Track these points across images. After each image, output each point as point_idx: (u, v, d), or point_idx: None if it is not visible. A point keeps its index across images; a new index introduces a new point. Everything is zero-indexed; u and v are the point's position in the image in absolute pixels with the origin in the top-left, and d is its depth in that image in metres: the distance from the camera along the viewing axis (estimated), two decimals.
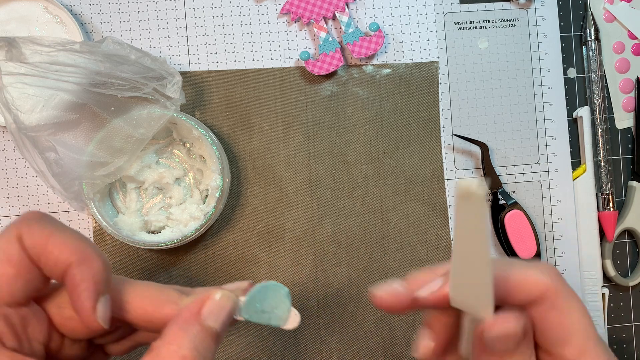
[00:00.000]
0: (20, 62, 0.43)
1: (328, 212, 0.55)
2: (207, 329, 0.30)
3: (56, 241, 0.31)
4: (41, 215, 0.32)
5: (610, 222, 0.56)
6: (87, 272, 0.31)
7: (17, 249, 0.30)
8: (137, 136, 0.49)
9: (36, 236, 0.31)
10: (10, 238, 0.31)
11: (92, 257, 0.31)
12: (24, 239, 0.31)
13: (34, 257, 0.31)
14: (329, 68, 0.54)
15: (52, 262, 0.31)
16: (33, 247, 0.30)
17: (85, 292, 0.30)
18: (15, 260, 0.30)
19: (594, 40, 0.56)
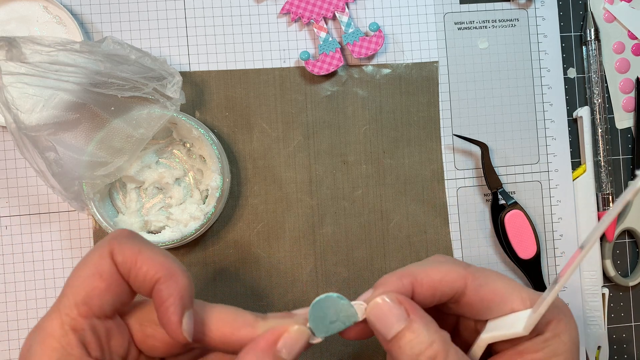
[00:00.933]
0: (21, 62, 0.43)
1: (328, 212, 0.55)
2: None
3: (145, 257, 0.32)
4: (131, 233, 0.34)
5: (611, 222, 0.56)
6: (174, 287, 0.32)
7: (109, 264, 0.33)
8: (137, 136, 0.49)
9: (127, 252, 0.33)
10: (103, 254, 0.33)
11: (178, 273, 0.33)
12: (115, 254, 0.33)
13: (124, 272, 0.33)
14: (329, 68, 0.54)
15: (141, 277, 0.32)
16: (124, 263, 0.33)
17: (172, 307, 0.32)
18: (107, 275, 0.32)
19: (594, 40, 0.56)
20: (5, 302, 0.52)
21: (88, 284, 0.32)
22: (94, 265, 0.33)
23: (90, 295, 0.32)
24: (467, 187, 0.56)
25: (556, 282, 0.31)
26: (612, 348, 0.57)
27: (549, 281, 0.56)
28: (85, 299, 0.32)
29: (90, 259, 0.33)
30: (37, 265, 0.53)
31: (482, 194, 0.56)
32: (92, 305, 0.32)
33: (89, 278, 0.32)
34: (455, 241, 0.56)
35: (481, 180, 0.56)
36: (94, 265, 0.33)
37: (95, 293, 0.32)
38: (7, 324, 0.52)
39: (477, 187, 0.56)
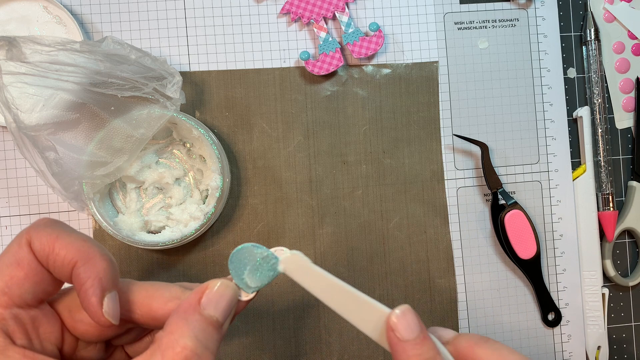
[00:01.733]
0: (21, 62, 0.43)
1: (328, 212, 0.55)
2: (207, 318, 0.31)
3: (62, 243, 0.32)
4: (50, 221, 0.34)
5: (610, 222, 0.56)
6: (92, 270, 0.32)
7: (26, 253, 0.32)
8: (137, 136, 0.49)
9: (44, 239, 0.32)
10: (21, 242, 0.32)
11: (96, 256, 0.32)
12: (33, 242, 0.32)
13: (42, 259, 0.32)
14: (329, 68, 0.54)
15: (59, 262, 0.32)
16: (41, 250, 0.32)
17: (90, 289, 0.32)
18: (25, 263, 0.32)
19: (594, 40, 0.56)
20: None
21: (6, 274, 0.32)
22: (11, 254, 0.32)
23: (9, 284, 0.32)
24: (467, 187, 0.56)
25: None
26: (612, 348, 0.57)
27: (549, 281, 0.56)
28: (3, 288, 0.32)
29: (8, 249, 0.33)
30: None
31: (482, 194, 0.56)
32: (11, 294, 0.32)
33: (7, 267, 0.32)
34: (455, 241, 0.56)
35: (481, 180, 0.56)
36: (12, 254, 0.32)
37: (14, 282, 0.32)
38: None
39: (477, 187, 0.56)
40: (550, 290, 0.56)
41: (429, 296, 0.55)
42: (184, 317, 0.31)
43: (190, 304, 0.32)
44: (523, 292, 0.56)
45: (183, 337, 0.30)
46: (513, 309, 0.56)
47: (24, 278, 0.32)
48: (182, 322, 0.31)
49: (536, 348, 0.56)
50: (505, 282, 0.56)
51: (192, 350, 0.30)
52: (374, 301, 0.34)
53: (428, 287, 0.55)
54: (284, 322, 0.54)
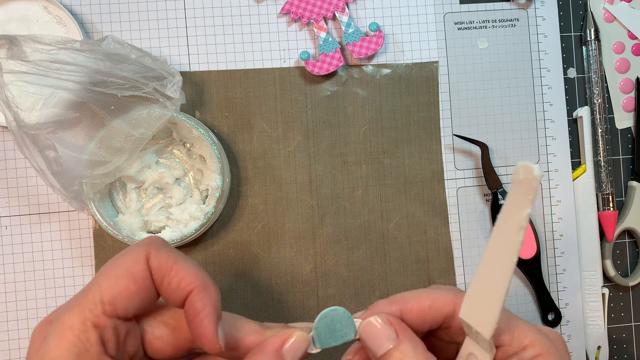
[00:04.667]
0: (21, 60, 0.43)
1: (328, 212, 0.55)
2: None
3: (181, 267, 0.33)
4: (165, 242, 0.35)
5: (610, 222, 0.56)
6: (209, 299, 0.33)
7: (143, 269, 0.33)
8: (136, 136, 0.49)
9: (163, 259, 0.33)
10: (139, 257, 0.33)
11: (211, 286, 0.34)
12: (151, 260, 0.33)
13: (157, 278, 0.33)
14: (329, 68, 0.54)
15: (174, 285, 0.33)
16: (159, 269, 0.33)
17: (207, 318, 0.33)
18: (139, 279, 0.33)
19: (594, 40, 0.56)
20: (5, 302, 0.52)
21: (119, 285, 0.32)
22: (127, 267, 0.33)
23: (120, 296, 0.32)
24: (467, 187, 0.56)
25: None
26: (612, 348, 0.57)
27: (549, 281, 0.56)
28: (113, 298, 0.32)
29: (124, 261, 0.33)
30: (37, 265, 0.53)
31: (482, 194, 0.56)
32: (118, 306, 0.32)
33: (121, 279, 0.32)
34: (455, 241, 0.56)
35: (481, 180, 0.56)
36: (128, 267, 0.33)
37: (125, 295, 0.32)
38: (7, 324, 0.52)
39: (477, 187, 0.56)
40: (550, 290, 0.56)
41: None
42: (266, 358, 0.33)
43: (274, 349, 0.34)
44: (523, 292, 0.56)
45: None
46: (513, 309, 0.56)
47: (135, 293, 0.33)
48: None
49: None
50: None
51: None
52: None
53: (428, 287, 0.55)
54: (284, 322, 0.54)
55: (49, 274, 0.53)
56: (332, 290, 0.54)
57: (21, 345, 0.52)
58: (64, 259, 0.53)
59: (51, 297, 0.53)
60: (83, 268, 0.53)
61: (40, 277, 0.53)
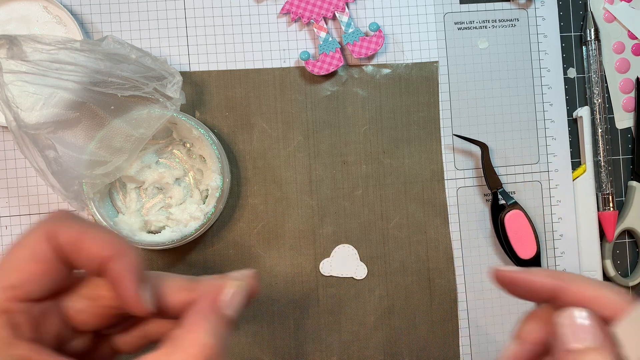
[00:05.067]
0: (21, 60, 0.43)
1: (328, 212, 0.55)
2: (224, 317, 0.32)
3: (92, 237, 0.32)
4: (70, 214, 0.33)
5: (610, 222, 0.56)
6: (126, 263, 0.32)
7: (46, 248, 0.31)
8: (136, 136, 0.49)
9: (72, 232, 0.31)
10: (40, 236, 0.31)
11: (127, 249, 0.32)
12: (59, 235, 0.31)
13: (66, 253, 0.32)
14: (329, 68, 0.54)
15: (85, 256, 0.32)
16: (68, 244, 0.31)
17: (128, 281, 0.32)
18: (44, 259, 0.31)
19: (594, 40, 0.56)
20: None
21: (23, 268, 0.31)
22: (29, 248, 0.31)
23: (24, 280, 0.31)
24: (467, 187, 0.56)
25: None
26: None
27: None
28: (19, 282, 0.31)
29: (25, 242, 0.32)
30: None
31: (482, 194, 0.56)
32: (26, 289, 0.31)
33: (25, 262, 0.31)
34: (455, 241, 0.56)
35: (481, 180, 0.56)
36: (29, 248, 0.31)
37: (32, 278, 0.31)
38: None
39: (477, 187, 0.56)
40: None
41: (429, 296, 0.55)
42: (204, 315, 0.31)
43: (209, 303, 0.32)
44: None
45: (205, 335, 0.30)
46: (513, 309, 0.56)
47: (41, 274, 0.31)
48: (202, 320, 0.31)
49: None
50: None
51: (213, 348, 0.30)
52: None
53: (428, 287, 0.55)
54: (284, 322, 0.54)
55: None
56: (332, 290, 0.54)
57: None
58: None
59: None
60: None
61: None
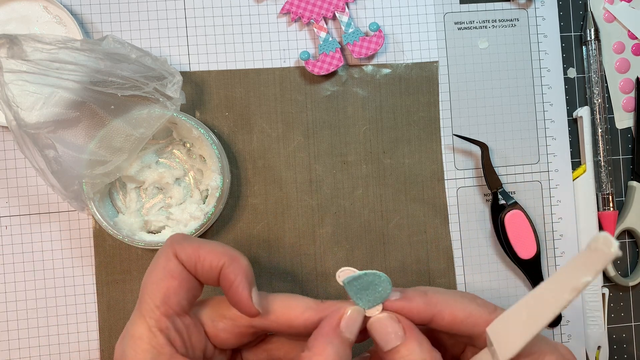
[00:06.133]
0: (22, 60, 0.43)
1: (328, 212, 0.55)
2: (345, 340, 0.36)
3: (206, 250, 0.37)
4: (185, 235, 0.39)
5: (610, 222, 0.56)
6: (239, 268, 0.36)
7: (176, 264, 0.37)
8: (136, 135, 0.49)
9: (188, 250, 0.37)
10: (169, 256, 0.37)
11: (238, 257, 0.37)
12: (179, 254, 0.37)
13: (190, 268, 0.37)
14: (329, 68, 0.54)
15: (207, 267, 0.36)
16: (188, 259, 0.36)
17: (240, 285, 0.36)
18: (177, 273, 0.36)
19: (594, 40, 0.56)
20: (5, 302, 0.52)
21: (163, 285, 0.36)
22: (162, 268, 0.36)
23: (167, 294, 0.36)
24: (467, 187, 0.56)
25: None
26: (612, 348, 0.57)
27: None
28: (163, 299, 0.36)
29: (158, 264, 0.37)
30: (37, 265, 0.53)
31: (482, 194, 0.56)
32: (170, 303, 0.36)
33: (163, 280, 0.36)
34: (455, 241, 0.56)
35: (481, 180, 0.56)
36: (163, 267, 0.36)
37: (171, 292, 0.36)
38: (7, 324, 0.52)
39: (477, 187, 0.56)
40: None
41: None
42: (327, 339, 0.35)
43: (332, 327, 0.36)
44: (523, 292, 0.56)
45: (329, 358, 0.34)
46: None
47: (178, 287, 0.36)
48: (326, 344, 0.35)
49: None
50: (505, 282, 0.56)
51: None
52: None
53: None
54: None
55: (49, 274, 0.53)
56: (332, 290, 0.54)
57: (21, 345, 0.52)
58: (64, 259, 0.53)
59: (51, 297, 0.53)
60: (83, 268, 0.53)
61: (40, 277, 0.53)
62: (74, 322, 0.53)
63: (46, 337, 0.53)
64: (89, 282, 0.53)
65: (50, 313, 0.53)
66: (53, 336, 0.53)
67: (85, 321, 0.53)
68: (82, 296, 0.53)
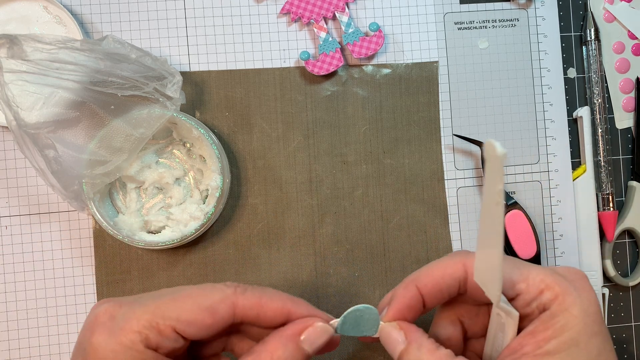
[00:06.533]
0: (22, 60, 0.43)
1: (328, 212, 0.55)
2: (300, 349, 0.36)
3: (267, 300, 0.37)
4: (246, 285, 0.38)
5: (610, 222, 0.56)
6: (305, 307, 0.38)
7: (226, 310, 0.36)
8: (136, 135, 0.49)
9: (251, 298, 0.36)
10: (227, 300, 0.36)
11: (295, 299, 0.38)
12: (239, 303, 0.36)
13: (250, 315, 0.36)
14: (329, 68, 0.54)
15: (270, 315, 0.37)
16: (250, 308, 0.36)
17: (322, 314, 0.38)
18: (218, 317, 0.35)
19: (594, 40, 0.56)
20: (5, 302, 0.52)
21: (198, 314, 0.35)
22: (212, 302, 0.35)
23: (195, 323, 0.35)
24: (467, 187, 0.56)
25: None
26: None
27: None
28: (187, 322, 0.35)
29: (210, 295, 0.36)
30: (37, 265, 0.53)
31: (482, 194, 0.56)
32: (189, 331, 0.35)
33: (202, 311, 0.35)
34: (455, 241, 0.56)
35: (481, 180, 0.56)
36: (212, 302, 0.35)
37: (199, 325, 0.35)
38: (7, 324, 0.52)
39: (477, 187, 0.56)
40: None
41: None
42: (284, 342, 0.36)
43: (292, 333, 0.36)
44: None
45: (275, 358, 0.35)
46: None
47: (208, 326, 0.35)
48: (280, 345, 0.35)
49: None
50: None
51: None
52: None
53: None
54: None
55: (49, 274, 0.53)
56: (332, 290, 0.54)
57: (21, 345, 0.52)
58: (64, 259, 0.53)
59: (51, 297, 0.53)
60: (83, 268, 0.53)
61: (40, 277, 0.53)
62: (74, 322, 0.53)
63: (46, 337, 0.53)
64: (89, 282, 0.53)
65: (50, 313, 0.53)
66: (53, 336, 0.53)
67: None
68: (82, 296, 0.53)
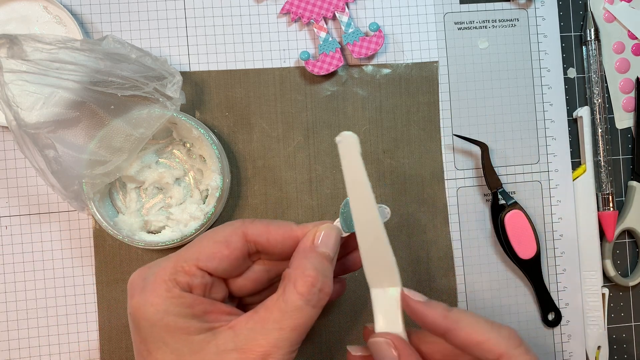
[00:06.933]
0: (22, 60, 0.43)
1: (328, 212, 0.55)
2: (321, 254, 0.39)
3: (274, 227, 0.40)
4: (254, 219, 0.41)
5: (610, 222, 0.56)
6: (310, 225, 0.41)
7: (239, 238, 0.40)
8: (136, 135, 0.49)
9: (259, 226, 0.40)
10: (237, 230, 0.40)
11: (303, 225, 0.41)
12: (249, 233, 0.40)
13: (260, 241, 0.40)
14: (329, 68, 0.54)
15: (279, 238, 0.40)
16: (259, 234, 0.40)
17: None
18: (233, 246, 0.39)
19: (594, 40, 0.56)
20: (5, 302, 0.52)
21: (215, 247, 0.39)
22: (225, 235, 0.39)
23: (213, 256, 0.39)
24: (467, 187, 0.56)
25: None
26: (612, 348, 0.57)
27: (549, 281, 0.56)
28: (207, 257, 0.38)
29: (223, 230, 0.40)
30: (37, 265, 0.53)
31: (482, 194, 0.56)
32: (210, 264, 0.38)
33: (217, 243, 0.39)
34: (455, 241, 0.56)
35: (481, 180, 0.56)
36: (225, 235, 0.39)
37: (218, 256, 0.39)
38: (7, 324, 0.52)
39: (477, 187, 0.56)
40: (550, 290, 0.56)
41: (429, 296, 0.55)
42: (304, 255, 0.39)
43: (307, 245, 0.40)
44: (523, 292, 0.56)
45: (307, 270, 0.38)
46: (513, 309, 0.56)
47: (226, 257, 0.39)
48: (304, 259, 0.38)
49: (536, 348, 0.56)
50: (505, 282, 0.56)
51: (315, 278, 0.37)
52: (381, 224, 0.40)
53: (428, 287, 0.55)
54: None
55: (49, 274, 0.53)
56: None
57: (21, 345, 0.52)
58: (64, 259, 0.53)
59: (51, 297, 0.53)
60: (83, 268, 0.53)
61: (40, 277, 0.53)
62: (74, 322, 0.53)
63: (46, 337, 0.53)
64: (89, 282, 0.53)
65: (50, 313, 0.53)
66: (53, 336, 0.53)
67: (85, 321, 0.53)
68: (82, 296, 0.53)
